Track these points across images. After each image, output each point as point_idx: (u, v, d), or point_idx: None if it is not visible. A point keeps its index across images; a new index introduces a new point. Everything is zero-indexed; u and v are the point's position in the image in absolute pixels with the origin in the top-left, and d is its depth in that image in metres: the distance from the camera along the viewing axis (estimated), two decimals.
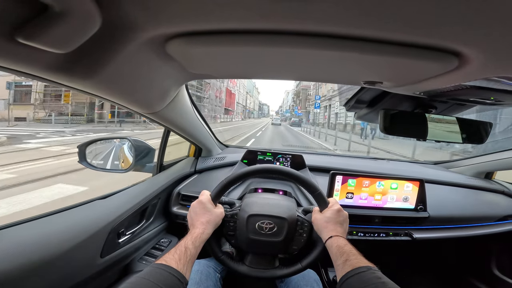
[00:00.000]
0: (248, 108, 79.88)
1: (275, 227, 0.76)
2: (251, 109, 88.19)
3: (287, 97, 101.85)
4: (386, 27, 0.36)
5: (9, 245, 0.55)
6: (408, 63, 0.46)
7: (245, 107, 69.48)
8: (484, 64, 0.43)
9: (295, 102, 61.18)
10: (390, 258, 1.40)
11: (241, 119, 52.88)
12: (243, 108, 66.40)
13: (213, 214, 0.72)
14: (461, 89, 0.63)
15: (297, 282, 0.86)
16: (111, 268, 0.79)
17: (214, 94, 28.20)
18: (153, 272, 0.51)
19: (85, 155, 0.99)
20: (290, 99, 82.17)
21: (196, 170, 1.30)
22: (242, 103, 63.36)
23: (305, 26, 0.38)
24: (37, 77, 0.43)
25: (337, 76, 0.66)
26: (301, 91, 48.32)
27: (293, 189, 1.13)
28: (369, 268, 0.54)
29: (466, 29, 0.34)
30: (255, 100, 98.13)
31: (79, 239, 0.67)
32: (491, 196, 1.31)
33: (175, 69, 0.60)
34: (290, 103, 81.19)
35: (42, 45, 0.32)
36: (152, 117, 0.82)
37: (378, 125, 0.77)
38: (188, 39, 0.42)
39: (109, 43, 0.40)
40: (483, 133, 0.79)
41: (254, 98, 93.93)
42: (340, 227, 0.71)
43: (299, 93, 51.21)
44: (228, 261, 0.77)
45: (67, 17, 0.29)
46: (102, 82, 0.50)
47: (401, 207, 1.07)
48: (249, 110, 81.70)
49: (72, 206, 0.78)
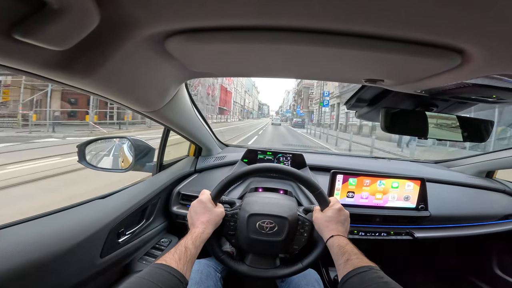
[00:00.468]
0: (247, 108, 76.13)
1: (275, 227, 0.76)
2: (250, 109, 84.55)
3: (287, 96, 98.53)
4: (388, 24, 0.35)
5: (7, 245, 0.55)
6: (410, 60, 0.46)
7: (243, 107, 65.66)
8: (487, 62, 0.43)
9: (296, 102, 57.32)
10: (391, 257, 1.40)
11: (238, 119, 48.81)
12: (241, 108, 62.64)
13: (214, 214, 0.72)
14: (463, 87, 0.63)
15: (298, 282, 0.85)
16: (111, 268, 0.78)
17: (205, 91, 26.23)
18: (153, 272, 0.50)
19: (84, 154, 0.99)
20: (291, 99, 78.63)
21: (196, 170, 1.30)
22: (239, 102, 60.20)
23: (306, 23, 0.37)
24: (34, 75, 0.42)
25: (337, 74, 0.66)
26: (303, 89, 45.52)
27: (294, 188, 1.13)
28: (371, 267, 0.54)
29: (470, 26, 0.34)
30: (254, 99, 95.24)
31: (79, 239, 0.66)
32: (493, 195, 1.31)
33: (175, 67, 0.59)
34: (291, 103, 77.23)
35: (39, 42, 0.32)
36: (152, 115, 0.82)
37: (379, 123, 0.77)
38: (188, 36, 0.41)
39: (108, 41, 0.40)
40: (484, 132, 0.79)
41: (253, 98, 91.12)
42: (341, 226, 0.70)
43: (300, 91, 47.94)
44: (229, 261, 0.77)
45: (65, 14, 0.29)
46: (101, 80, 0.49)
47: (402, 206, 1.07)
48: (248, 110, 77.91)
49: (71, 205, 0.78)
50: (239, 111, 58.34)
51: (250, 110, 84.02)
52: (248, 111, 78.26)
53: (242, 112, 61.94)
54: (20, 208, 2.79)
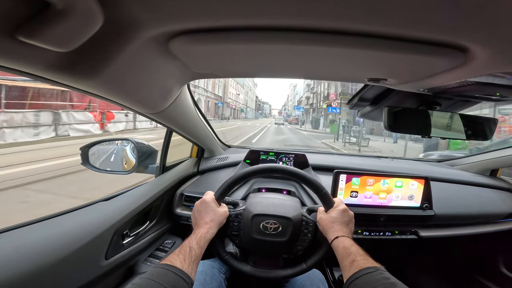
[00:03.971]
0: (233, 104, 48.15)
1: (279, 227, 0.76)
2: (241, 106, 58.87)
3: (293, 91, 79.65)
4: (392, 23, 0.35)
5: (10, 249, 0.55)
6: (414, 59, 0.45)
7: (223, 100, 37.29)
8: (491, 60, 0.43)
9: (314, 93, 37.62)
10: (396, 257, 1.40)
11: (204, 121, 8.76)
12: (217, 101, 34.91)
13: (217, 213, 0.72)
14: (466, 85, 0.63)
15: (302, 282, 0.85)
16: (115, 269, 0.79)
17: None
18: (159, 273, 0.50)
19: (88, 157, 0.99)
20: (302, 91, 58.10)
21: (199, 171, 1.30)
22: (215, 92, 34.39)
23: (309, 23, 0.37)
24: (38, 77, 0.42)
25: (341, 73, 0.66)
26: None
27: (297, 189, 1.12)
28: (377, 268, 0.54)
29: (473, 25, 0.34)
30: (248, 92, 67.65)
31: (83, 242, 0.66)
32: (497, 194, 1.30)
33: (178, 68, 0.59)
34: (302, 95, 54.85)
35: (43, 43, 0.32)
36: (155, 117, 0.82)
37: (382, 122, 0.77)
38: (192, 37, 0.41)
39: (112, 42, 0.40)
40: (488, 130, 0.79)
41: (246, 89, 64.88)
42: (345, 227, 0.70)
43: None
44: (232, 261, 0.76)
45: (68, 15, 0.29)
46: (105, 82, 0.49)
47: (406, 205, 1.06)
48: (234, 107, 49.44)
49: (75, 208, 0.78)
50: (214, 107, 33.76)
51: (240, 107, 58.52)
52: (235, 109, 51.29)
53: (221, 109, 35.95)
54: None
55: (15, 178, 3.75)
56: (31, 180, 3.78)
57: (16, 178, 3.73)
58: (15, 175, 3.90)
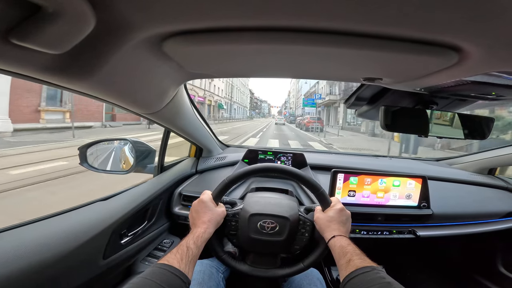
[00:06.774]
0: (202, 97, 26.07)
1: (277, 227, 0.76)
2: (226, 99, 40.16)
3: (298, 84, 62.10)
4: (385, 22, 0.35)
5: (8, 248, 0.55)
6: (408, 58, 0.45)
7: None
8: (485, 59, 0.43)
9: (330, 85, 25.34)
10: (394, 256, 1.40)
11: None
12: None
13: (215, 213, 0.72)
14: (462, 85, 0.63)
15: (300, 281, 0.85)
16: (113, 269, 0.79)
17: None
18: (156, 272, 0.51)
19: (86, 157, 0.99)
20: (311, 82, 39.02)
21: (197, 171, 1.30)
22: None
23: (303, 23, 0.37)
24: (32, 78, 0.42)
25: (336, 73, 0.66)
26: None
27: (295, 188, 1.13)
28: (373, 268, 0.54)
29: (466, 24, 0.34)
30: (235, 82, 45.30)
31: (81, 241, 0.67)
32: (495, 193, 1.30)
33: (173, 69, 0.59)
34: (312, 87, 40.29)
35: (36, 46, 0.32)
36: (151, 117, 0.82)
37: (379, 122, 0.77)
38: (185, 38, 0.41)
39: (105, 43, 0.40)
40: (485, 129, 0.79)
41: (237, 82, 46.94)
42: (342, 226, 0.70)
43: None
44: (230, 261, 0.77)
45: (60, 17, 0.29)
46: (99, 83, 0.49)
47: (404, 204, 1.06)
48: (203, 101, 26.49)
49: (73, 208, 0.78)
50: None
51: (226, 101, 39.96)
52: (209, 105, 30.35)
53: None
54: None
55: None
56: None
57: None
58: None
